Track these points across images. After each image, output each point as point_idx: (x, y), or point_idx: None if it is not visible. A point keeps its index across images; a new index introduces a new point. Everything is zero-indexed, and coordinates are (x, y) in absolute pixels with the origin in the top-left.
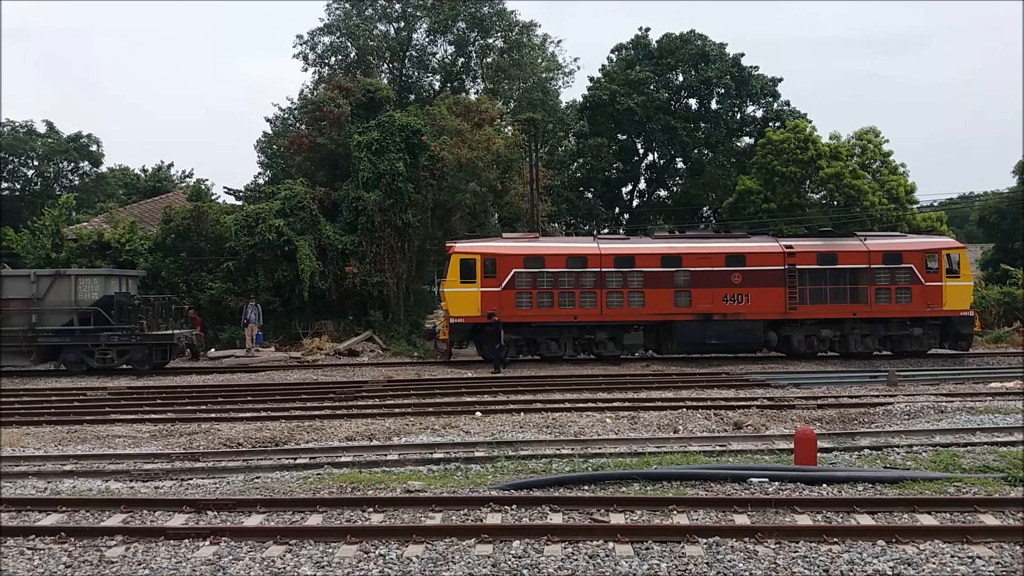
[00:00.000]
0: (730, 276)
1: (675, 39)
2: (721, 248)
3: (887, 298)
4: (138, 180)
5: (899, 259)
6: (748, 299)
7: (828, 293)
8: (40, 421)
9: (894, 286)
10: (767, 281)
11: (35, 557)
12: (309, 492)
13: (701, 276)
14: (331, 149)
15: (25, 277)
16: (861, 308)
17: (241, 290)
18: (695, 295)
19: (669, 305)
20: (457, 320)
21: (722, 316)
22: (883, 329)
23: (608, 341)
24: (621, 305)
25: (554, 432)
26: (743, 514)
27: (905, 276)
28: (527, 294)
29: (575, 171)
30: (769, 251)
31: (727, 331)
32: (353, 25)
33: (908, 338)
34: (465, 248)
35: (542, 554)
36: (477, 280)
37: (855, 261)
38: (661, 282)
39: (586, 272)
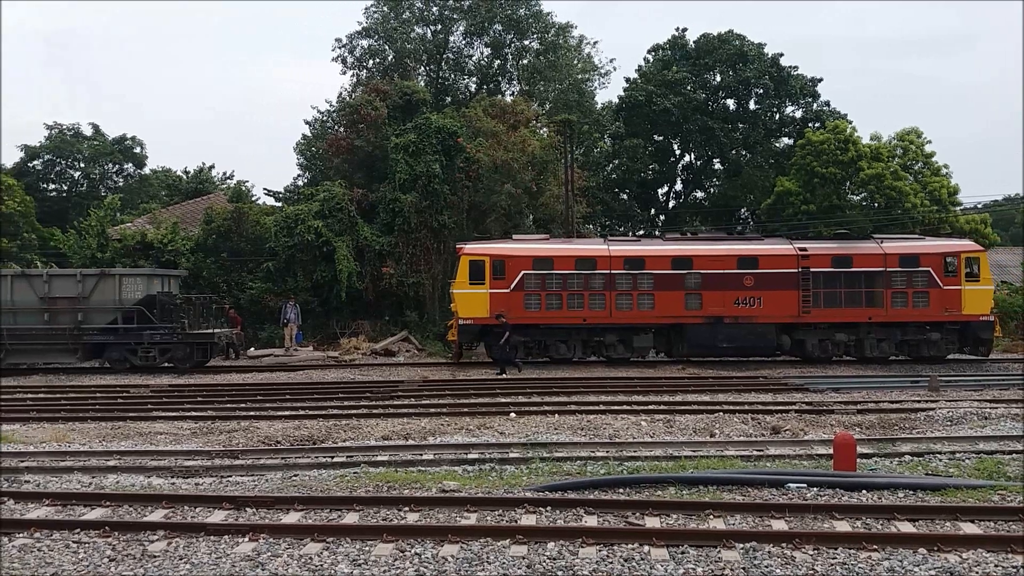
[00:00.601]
0: (742, 279)
1: (713, 39)
2: (733, 250)
3: (903, 302)
4: (180, 182)
5: (916, 262)
6: (760, 302)
7: (843, 296)
8: (85, 417)
9: (911, 289)
10: (780, 284)
11: (80, 551)
12: (346, 490)
13: (712, 279)
14: (368, 151)
15: (71, 276)
16: (876, 312)
17: (280, 290)
18: (706, 298)
19: (680, 308)
20: (466, 321)
21: (733, 319)
22: (899, 333)
23: (618, 343)
24: (631, 307)
25: (589, 434)
26: (781, 519)
27: (922, 279)
28: (536, 296)
29: (610, 172)
30: (782, 254)
31: (739, 334)
32: (391, 28)
33: (926, 343)
34: (474, 249)
35: (577, 556)
36: (486, 281)
37: (870, 264)
38: (671, 284)
39: (595, 274)
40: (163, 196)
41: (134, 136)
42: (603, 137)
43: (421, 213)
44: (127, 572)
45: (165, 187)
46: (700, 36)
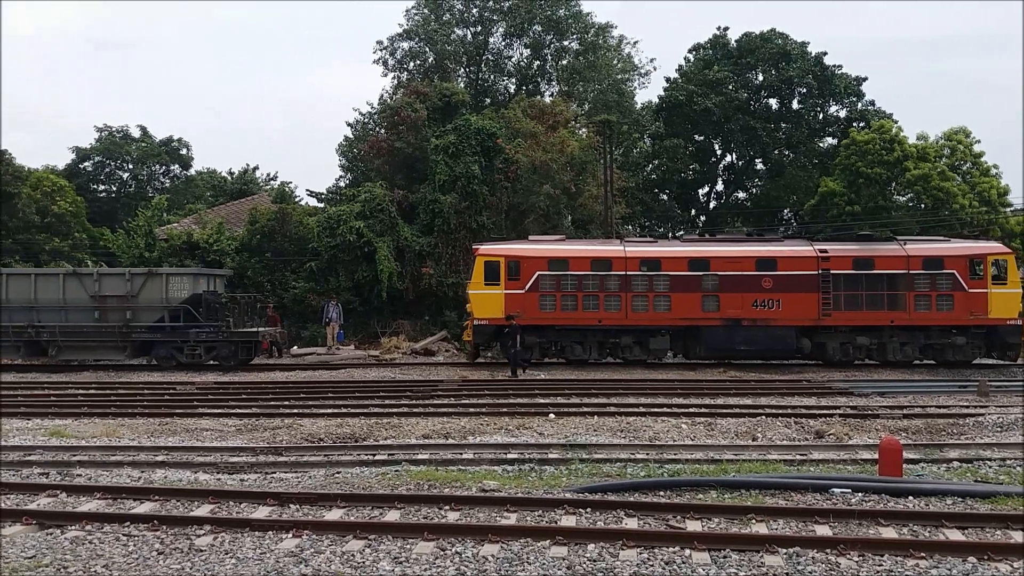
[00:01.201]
0: (760, 281)
1: (755, 38)
2: (751, 252)
3: (927, 305)
4: (225, 183)
5: (940, 265)
6: (779, 304)
7: (864, 299)
8: (134, 413)
9: (935, 293)
10: (799, 286)
11: (129, 543)
12: (387, 488)
13: (730, 280)
14: (409, 153)
15: (120, 275)
16: (899, 315)
17: (323, 289)
18: (723, 300)
19: (696, 310)
20: (481, 322)
21: (752, 322)
22: (923, 337)
23: (634, 345)
24: (647, 309)
25: (628, 436)
26: (825, 525)
27: (947, 282)
28: (551, 297)
29: (650, 173)
30: (802, 255)
31: (757, 337)
32: (431, 30)
33: (951, 347)
34: (490, 250)
35: (617, 558)
36: (501, 282)
37: (893, 266)
38: (688, 286)
39: (611, 275)
40: (209, 197)
41: (180, 138)
42: (643, 137)
43: (460, 214)
44: (175, 565)
45: (211, 188)
46: (742, 35)
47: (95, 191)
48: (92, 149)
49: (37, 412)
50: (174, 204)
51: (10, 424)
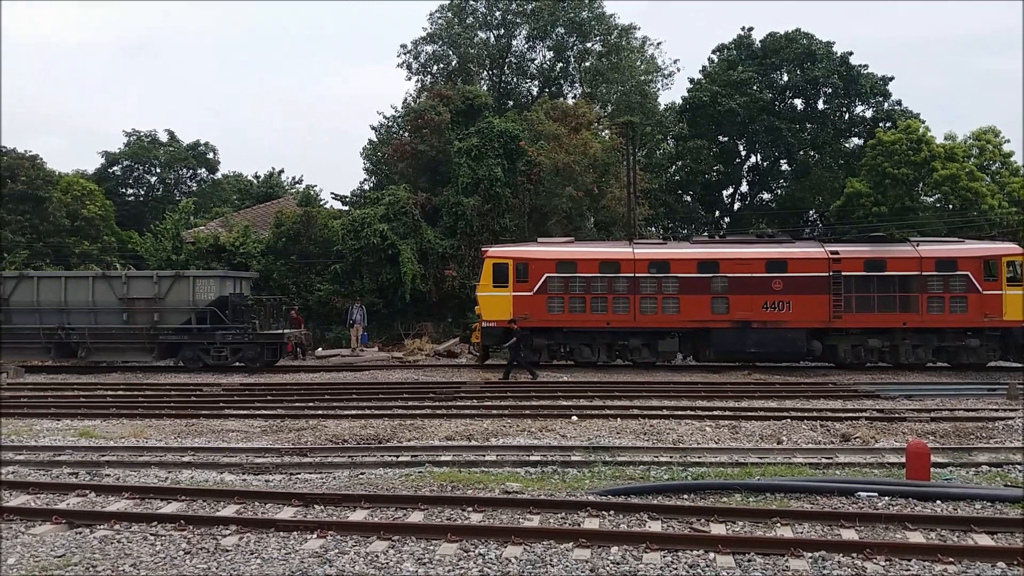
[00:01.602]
0: (770, 283)
1: (780, 38)
2: (761, 254)
3: (940, 307)
4: (251, 186)
5: (953, 266)
6: (790, 306)
7: (876, 301)
8: (161, 414)
9: (948, 294)
10: (810, 288)
11: (157, 543)
12: (411, 489)
13: (739, 282)
14: (432, 156)
15: (148, 278)
16: (911, 317)
17: (347, 292)
18: (733, 302)
19: (706, 312)
20: (489, 324)
21: (762, 324)
22: (936, 339)
23: (642, 348)
24: (655, 311)
25: (652, 439)
26: (851, 529)
27: (960, 284)
28: (559, 299)
29: (673, 174)
30: (812, 257)
31: (767, 339)
32: (455, 34)
33: (964, 349)
34: (498, 252)
35: (641, 561)
36: (509, 284)
37: (905, 268)
38: (697, 288)
39: (619, 277)
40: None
41: (207, 142)
42: (666, 138)
43: (483, 216)
44: (201, 565)
45: (237, 191)
46: (767, 35)
47: (124, 195)
48: (121, 153)
49: (67, 413)
50: (201, 207)
51: (40, 424)
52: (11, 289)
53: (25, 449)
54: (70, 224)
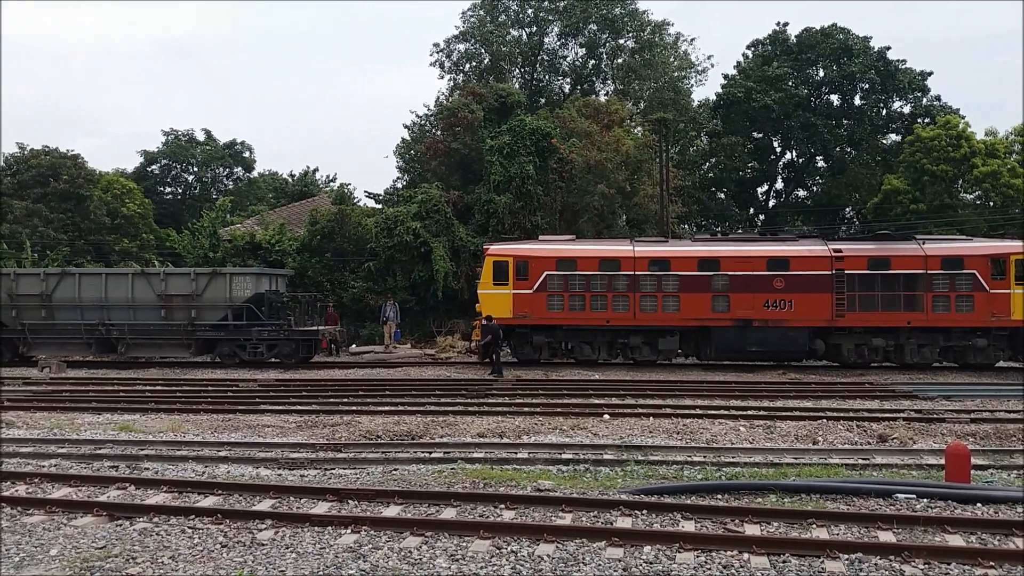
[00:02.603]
0: (772, 281)
1: (815, 33)
2: (762, 252)
3: (946, 306)
4: (286, 184)
5: (960, 264)
6: (791, 305)
7: (880, 300)
8: (198, 409)
9: (954, 293)
10: (812, 287)
11: (194, 536)
12: (444, 486)
13: (741, 280)
14: (464, 154)
15: (186, 275)
16: (916, 316)
17: (381, 289)
18: (734, 300)
19: (706, 310)
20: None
21: (763, 322)
22: (943, 339)
23: (643, 346)
24: (655, 309)
25: (685, 438)
26: (888, 531)
27: (967, 283)
28: (559, 297)
29: (707, 171)
30: (815, 255)
31: (768, 338)
32: (487, 32)
33: (972, 349)
34: (498, 250)
35: (674, 561)
36: (510, 282)
37: (910, 266)
38: (698, 286)
39: (619, 275)
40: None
41: (243, 141)
42: (700, 135)
43: (515, 214)
44: (237, 558)
45: (272, 190)
46: (802, 30)
47: (162, 193)
48: (159, 152)
49: (107, 407)
50: (237, 206)
51: (82, 418)
52: (54, 286)
53: (67, 442)
54: (110, 222)
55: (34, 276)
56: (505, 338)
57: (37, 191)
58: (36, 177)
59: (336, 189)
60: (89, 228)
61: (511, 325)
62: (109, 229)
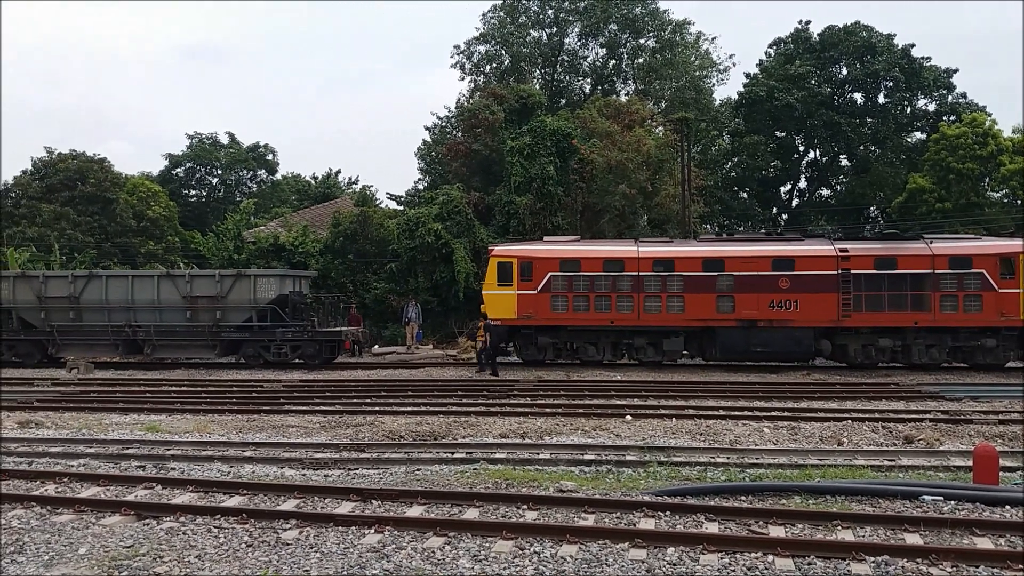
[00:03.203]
0: (777, 281)
1: (838, 31)
2: (767, 252)
3: (953, 306)
4: (309, 187)
5: (968, 264)
6: (797, 305)
7: (886, 300)
8: (224, 410)
9: (962, 293)
10: (818, 287)
11: (220, 535)
12: (466, 486)
13: (745, 281)
14: (485, 155)
15: (211, 277)
16: (923, 316)
17: (403, 290)
18: (739, 300)
19: (711, 311)
20: (494, 322)
21: (768, 323)
22: (950, 339)
23: (648, 347)
24: (659, 310)
25: (708, 440)
26: (915, 533)
27: (975, 282)
28: (563, 297)
29: (729, 171)
30: (820, 255)
31: (774, 339)
32: (507, 33)
33: (980, 350)
34: (503, 251)
35: (698, 563)
36: (514, 283)
37: (917, 266)
38: (702, 287)
39: (623, 276)
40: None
41: (267, 144)
42: (722, 134)
43: (535, 215)
44: (263, 558)
45: (295, 192)
46: (825, 28)
47: (186, 196)
48: (184, 155)
49: (134, 408)
50: (261, 208)
51: (109, 419)
52: (81, 288)
53: (95, 442)
54: (136, 225)
55: (62, 278)
56: (510, 339)
57: (65, 195)
58: (64, 181)
59: (358, 191)
60: (115, 231)
61: (515, 326)
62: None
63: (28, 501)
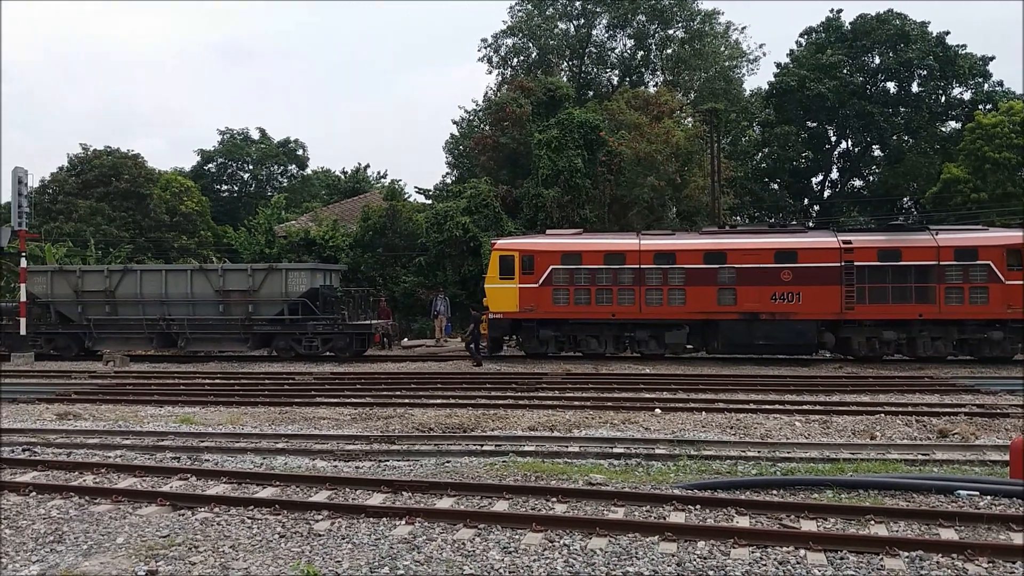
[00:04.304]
0: (779, 273)
1: (871, 19)
2: (769, 244)
3: (959, 298)
4: (339, 181)
5: (974, 255)
6: (799, 298)
7: (890, 292)
8: (256, 402)
9: (967, 285)
10: (821, 279)
11: (254, 526)
12: (495, 478)
13: (747, 273)
14: (513, 148)
15: (243, 271)
16: (928, 308)
17: (431, 283)
18: (741, 293)
19: (712, 303)
20: (496, 316)
21: (770, 315)
22: (957, 332)
23: (650, 339)
24: (661, 303)
25: (739, 433)
26: (950, 528)
27: (981, 274)
28: (564, 291)
29: (759, 162)
30: (823, 247)
31: (776, 331)
32: (535, 26)
33: (987, 342)
34: (505, 244)
35: (728, 556)
36: (515, 276)
37: (922, 257)
38: (704, 279)
39: (624, 269)
40: (323, 195)
41: (297, 139)
42: (752, 125)
43: (563, 208)
44: (295, 548)
45: (325, 186)
46: (857, 17)
47: (218, 191)
48: (215, 151)
49: (168, 400)
50: (291, 202)
51: (145, 411)
52: (117, 282)
53: (131, 434)
54: (169, 220)
55: (98, 273)
56: (512, 332)
57: (100, 190)
58: (99, 177)
59: (387, 185)
60: (149, 226)
61: (518, 319)
62: (168, 227)
63: (67, 491)
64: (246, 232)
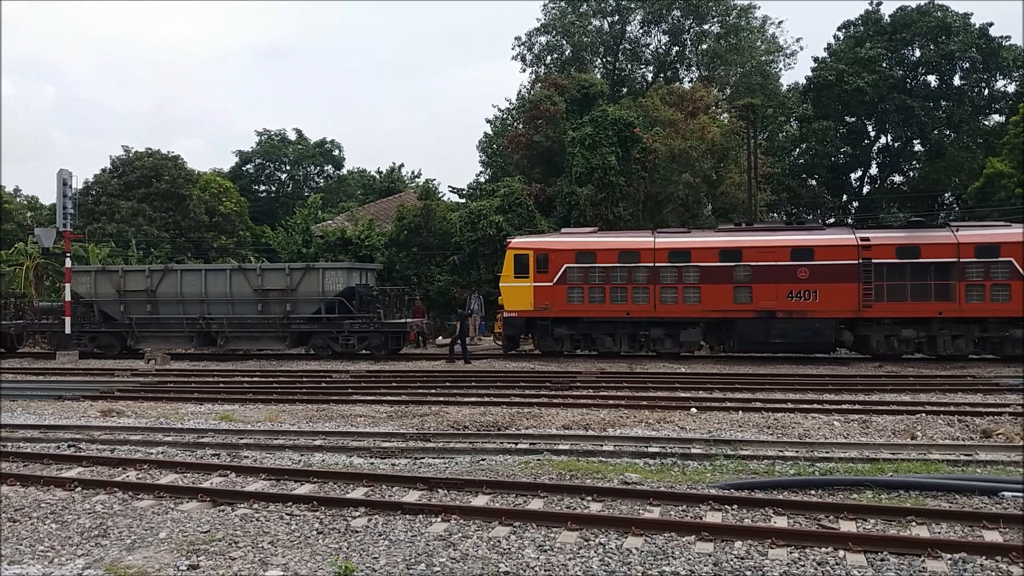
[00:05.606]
0: (796, 271)
1: (911, 12)
2: (786, 241)
3: (980, 296)
4: (374, 181)
5: (996, 252)
6: (816, 296)
7: (909, 290)
8: (294, 400)
9: (989, 282)
10: (838, 276)
11: (292, 522)
12: (530, 477)
13: (763, 271)
14: (547, 146)
15: (281, 270)
16: (948, 306)
17: (465, 282)
18: (756, 291)
19: (728, 302)
20: (511, 314)
21: (787, 314)
22: (978, 330)
23: (665, 338)
24: (676, 301)
25: (776, 433)
26: (994, 530)
27: (1003, 271)
28: (579, 289)
29: (797, 157)
30: (841, 244)
31: (793, 330)
32: (568, 23)
33: (1009, 340)
34: (519, 243)
35: (766, 557)
36: (530, 275)
37: (941, 254)
38: (719, 277)
39: (639, 267)
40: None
41: (333, 139)
42: (789, 120)
43: (597, 206)
44: (333, 545)
45: (360, 186)
46: (896, 9)
47: (256, 191)
48: (253, 152)
49: (208, 398)
50: (328, 202)
51: (185, 408)
52: (158, 282)
53: (172, 431)
54: (208, 220)
55: (139, 273)
56: (527, 331)
57: (141, 191)
58: (140, 178)
59: (422, 185)
60: (189, 226)
61: (532, 318)
62: (207, 227)
63: (111, 487)
64: (284, 232)
